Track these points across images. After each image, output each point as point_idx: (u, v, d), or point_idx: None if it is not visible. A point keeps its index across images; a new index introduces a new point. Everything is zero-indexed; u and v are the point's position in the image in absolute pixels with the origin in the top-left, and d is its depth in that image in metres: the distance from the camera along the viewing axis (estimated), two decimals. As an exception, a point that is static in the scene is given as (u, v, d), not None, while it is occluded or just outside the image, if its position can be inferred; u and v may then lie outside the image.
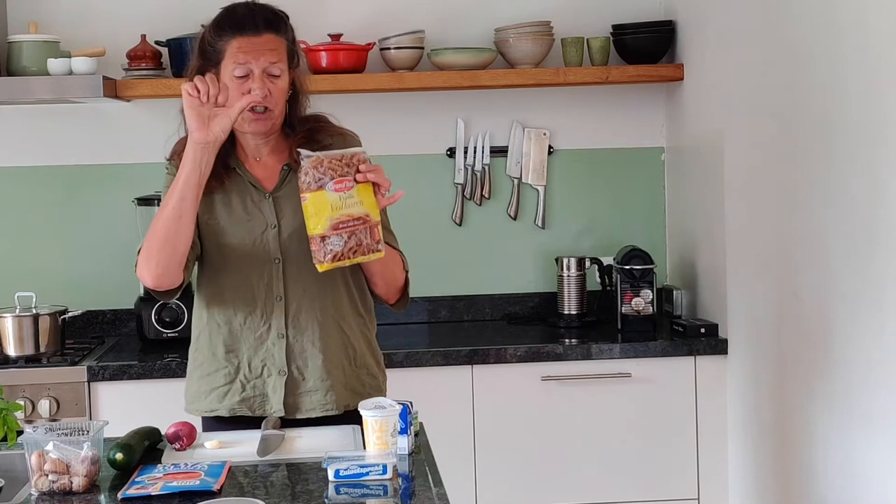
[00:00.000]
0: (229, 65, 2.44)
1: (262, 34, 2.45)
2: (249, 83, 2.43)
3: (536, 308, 3.98)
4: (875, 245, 2.56)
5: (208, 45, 2.48)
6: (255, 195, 2.54)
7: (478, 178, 3.95)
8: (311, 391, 2.54)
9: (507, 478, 3.46)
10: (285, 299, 2.53)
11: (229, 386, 2.55)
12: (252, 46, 2.43)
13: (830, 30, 2.74)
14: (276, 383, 2.54)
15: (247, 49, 2.43)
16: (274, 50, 2.45)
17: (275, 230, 2.52)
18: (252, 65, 2.43)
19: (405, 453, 2.25)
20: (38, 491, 2.07)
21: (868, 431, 2.64)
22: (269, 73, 2.44)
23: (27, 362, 3.43)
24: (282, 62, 2.46)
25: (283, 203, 2.54)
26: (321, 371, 2.53)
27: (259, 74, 2.43)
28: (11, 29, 3.71)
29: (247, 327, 2.54)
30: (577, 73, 3.75)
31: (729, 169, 3.42)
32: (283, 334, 2.54)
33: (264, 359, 2.54)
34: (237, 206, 2.53)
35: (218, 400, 2.56)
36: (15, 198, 3.86)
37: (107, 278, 3.86)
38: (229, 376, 2.55)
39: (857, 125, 2.62)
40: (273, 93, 2.45)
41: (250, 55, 2.43)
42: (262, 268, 2.53)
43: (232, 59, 2.44)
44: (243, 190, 2.54)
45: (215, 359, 2.56)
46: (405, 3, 3.88)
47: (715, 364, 3.49)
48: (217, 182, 2.51)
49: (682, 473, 3.51)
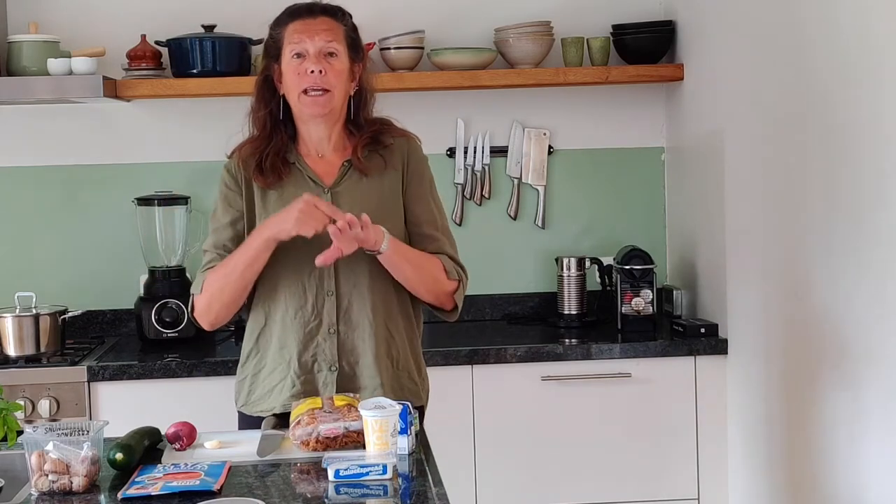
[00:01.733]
0: (287, 50, 2.51)
1: (317, 17, 2.52)
2: (305, 63, 2.47)
3: (536, 308, 3.98)
4: (875, 245, 2.56)
5: (269, 38, 2.56)
6: (313, 190, 2.55)
7: (478, 178, 3.95)
8: (361, 388, 2.55)
9: (507, 478, 3.46)
10: (337, 294, 2.55)
11: (283, 383, 2.57)
12: (306, 27, 2.50)
13: (831, 29, 2.74)
14: (328, 378, 2.55)
15: (301, 30, 2.50)
16: (329, 30, 2.51)
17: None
18: (307, 44, 2.49)
19: (405, 453, 2.25)
20: (38, 491, 2.07)
21: (869, 431, 2.64)
22: (325, 53, 2.48)
23: (27, 362, 3.43)
24: (338, 42, 2.51)
25: (341, 199, 2.55)
26: (371, 368, 2.55)
27: (314, 53, 2.48)
28: (11, 29, 3.71)
29: (297, 321, 2.55)
30: (577, 73, 3.75)
31: (729, 169, 3.42)
32: (335, 329, 2.55)
33: (314, 354, 2.56)
34: (292, 201, 2.52)
35: (275, 397, 2.57)
36: (15, 198, 3.86)
37: (107, 278, 3.86)
38: (283, 372, 2.57)
39: (858, 124, 2.62)
40: (329, 73, 2.48)
41: (304, 34, 2.49)
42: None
43: (288, 41, 2.50)
44: (301, 184, 2.55)
45: (272, 357, 2.59)
46: (405, 3, 3.88)
47: (715, 364, 3.49)
48: (275, 177, 2.54)
49: (682, 473, 3.51)
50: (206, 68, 3.63)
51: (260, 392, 2.61)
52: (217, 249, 2.59)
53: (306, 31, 2.50)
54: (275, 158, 2.53)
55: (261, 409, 2.59)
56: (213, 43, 3.64)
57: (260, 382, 2.61)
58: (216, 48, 3.64)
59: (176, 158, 3.86)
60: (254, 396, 2.62)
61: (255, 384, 2.62)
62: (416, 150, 2.65)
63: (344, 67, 2.52)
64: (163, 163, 3.87)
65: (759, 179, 3.21)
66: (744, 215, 3.34)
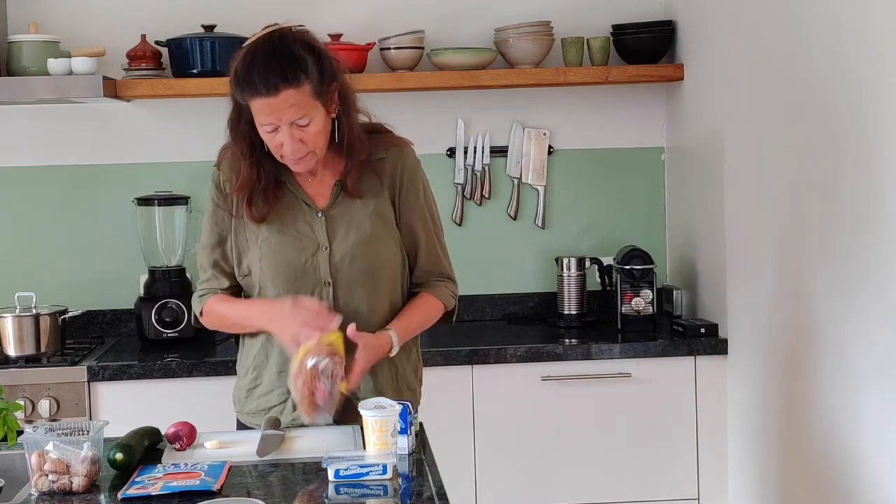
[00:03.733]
0: (258, 121, 2.42)
1: (280, 93, 2.37)
2: (279, 137, 2.41)
3: (536, 308, 3.98)
4: (876, 244, 2.56)
5: (235, 96, 2.44)
6: (307, 213, 2.53)
7: (478, 178, 3.95)
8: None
9: (507, 478, 3.46)
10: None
11: (283, 406, 2.56)
12: (272, 108, 2.38)
13: (831, 29, 2.74)
14: None
15: (267, 111, 2.39)
16: (294, 105, 2.38)
17: (326, 252, 2.51)
18: (276, 122, 2.40)
19: (405, 453, 2.25)
20: (38, 491, 2.07)
21: (869, 431, 2.64)
22: (296, 125, 2.40)
23: (27, 362, 3.43)
24: (306, 113, 2.39)
25: (336, 223, 2.53)
26: (371, 392, 2.52)
27: (287, 130, 2.40)
28: (11, 29, 3.71)
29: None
30: (577, 73, 3.75)
31: (729, 169, 3.42)
32: None
33: None
34: (289, 226, 2.52)
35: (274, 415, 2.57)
36: (15, 198, 3.86)
37: (107, 278, 3.86)
38: (282, 396, 2.55)
39: (858, 124, 2.62)
40: (305, 140, 2.42)
41: (272, 116, 2.39)
42: (313, 290, 2.51)
43: (258, 117, 2.41)
44: (295, 207, 2.53)
45: (269, 380, 2.58)
46: (405, 3, 3.88)
47: (715, 364, 3.49)
48: (267, 206, 2.51)
49: (682, 473, 3.51)
50: (206, 68, 3.63)
51: (256, 407, 2.60)
52: (213, 269, 2.60)
53: (272, 112, 2.39)
54: (267, 182, 2.49)
55: (258, 423, 2.57)
56: (212, 43, 3.64)
57: (256, 399, 2.60)
58: (216, 48, 3.64)
59: (176, 158, 3.86)
60: (249, 408, 2.62)
61: (251, 399, 2.61)
62: (409, 160, 2.60)
63: (318, 125, 2.43)
64: (163, 163, 3.87)
65: (760, 179, 3.21)
66: (744, 215, 3.34)
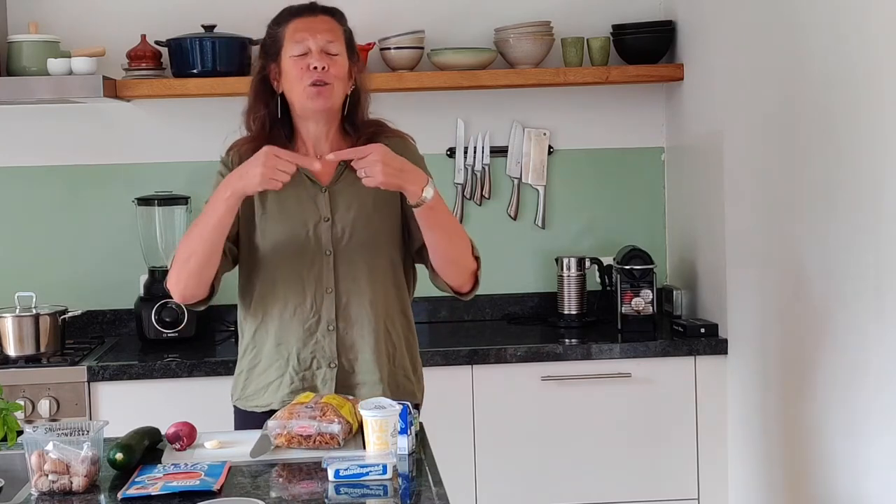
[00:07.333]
0: (288, 47, 2.53)
1: (318, 15, 2.55)
2: (308, 59, 2.49)
3: (536, 308, 3.98)
4: (875, 244, 2.56)
5: (268, 37, 2.59)
6: (310, 188, 2.57)
7: (478, 178, 3.95)
8: (360, 384, 2.57)
9: (507, 478, 3.46)
10: (336, 291, 2.56)
11: (280, 379, 2.57)
12: (308, 25, 2.53)
13: (830, 29, 2.74)
14: (326, 375, 2.56)
15: (303, 28, 2.53)
16: (330, 30, 2.54)
17: (328, 223, 2.56)
18: (309, 41, 2.51)
19: (405, 453, 2.25)
20: (38, 491, 2.07)
21: (869, 431, 2.64)
22: (326, 52, 2.51)
23: (27, 362, 3.43)
24: (339, 43, 2.54)
25: (339, 197, 2.58)
26: (370, 364, 2.56)
27: (317, 50, 2.50)
28: (11, 29, 3.71)
29: (296, 318, 2.56)
30: (577, 73, 3.75)
31: (729, 169, 3.42)
32: (334, 326, 2.56)
33: (314, 351, 2.57)
34: (290, 199, 2.55)
35: (272, 394, 2.58)
36: (15, 198, 3.86)
37: (107, 278, 3.86)
38: (280, 369, 2.57)
39: (858, 125, 2.62)
40: (331, 68, 2.51)
41: (307, 32, 2.52)
42: (313, 259, 2.55)
43: (290, 39, 2.52)
44: (298, 183, 2.54)
45: (267, 353, 2.59)
46: (405, 3, 3.88)
47: (715, 364, 3.49)
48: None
49: (682, 473, 3.51)
50: (206, 68, 3.63)
51: (255, 387, 2.61)
52: None
53: (308, 28, 2.52)
54: None
55: (256, 405, 2.60)
56: (213, 43, 3.64)
57: (255, 378, 2.62)
58: (216, 48, 3.64)
59: (176, 158, 3.86)
60: (248, 391, 2.63)
61: (251, 379, 2.63)
62: (411, 150, 2.65)
63: (344, 66, 2.55)
64: (163, 163, 3.87)
65: (759, 179, 3.21)
66: (744, 215, 3.34)
